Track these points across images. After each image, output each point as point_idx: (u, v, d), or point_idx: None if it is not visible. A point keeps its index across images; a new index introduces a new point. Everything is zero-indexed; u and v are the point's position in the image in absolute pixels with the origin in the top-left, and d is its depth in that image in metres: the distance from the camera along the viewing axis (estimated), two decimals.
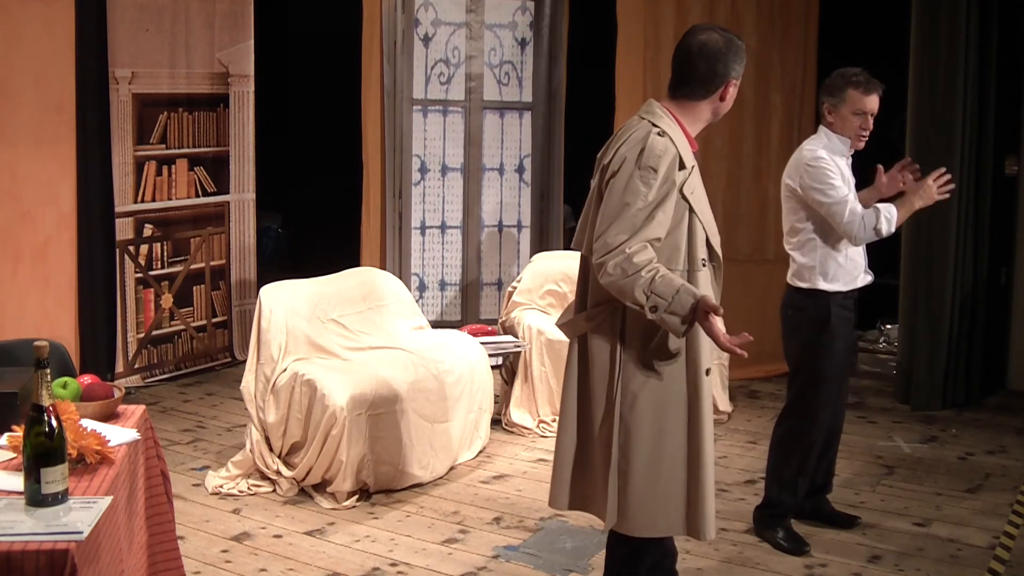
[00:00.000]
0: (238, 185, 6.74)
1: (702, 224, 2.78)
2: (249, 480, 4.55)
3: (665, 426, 2.79)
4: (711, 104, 2.85)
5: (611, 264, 2.65)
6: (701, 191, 2.83)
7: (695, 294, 2.63)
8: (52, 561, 2.04)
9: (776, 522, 4.02)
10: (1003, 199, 6.08)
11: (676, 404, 2.80)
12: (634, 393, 2.78)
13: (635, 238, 2.65)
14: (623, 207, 2.68)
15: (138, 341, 6.19)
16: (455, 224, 6.88)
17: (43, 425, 2.21)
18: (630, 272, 2.63)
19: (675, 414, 2.80)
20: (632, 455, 2.79)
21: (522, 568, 3.82)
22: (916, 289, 5.88)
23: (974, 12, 5.66)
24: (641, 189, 2.67)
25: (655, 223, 2.67)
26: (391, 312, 5.24)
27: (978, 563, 3.83)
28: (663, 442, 2.80)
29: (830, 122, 3.90)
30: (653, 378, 2.78)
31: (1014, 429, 5.51)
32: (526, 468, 4.91)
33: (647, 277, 2.62)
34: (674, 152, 2.72)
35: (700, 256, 2.77)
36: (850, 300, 3.96)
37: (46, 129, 5.45)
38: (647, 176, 2.67)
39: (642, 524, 2.84)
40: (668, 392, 2.79)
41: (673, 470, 2.81)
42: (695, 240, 2.77)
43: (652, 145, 2.70)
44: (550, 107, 6.88)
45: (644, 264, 2.63)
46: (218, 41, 6.45)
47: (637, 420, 2.79)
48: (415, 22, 6.66)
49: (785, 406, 4.07)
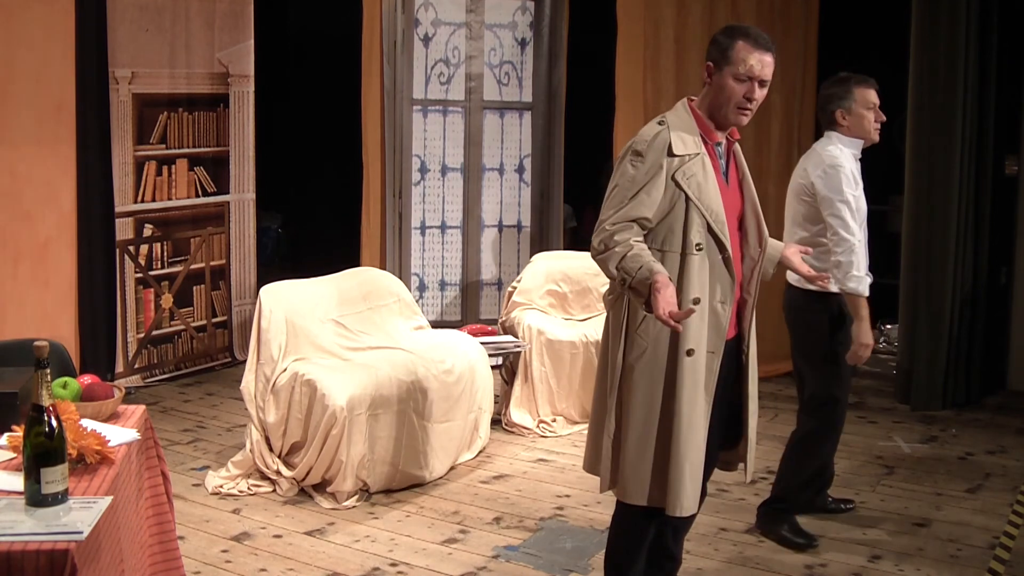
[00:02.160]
0: (238, 185, 6.74)
1: (701, 211, 2.85)
2: (249, 480, 4.55)
3: (650, 399, 2.92)
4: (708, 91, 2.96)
5: (596, 239, 2.87)
6: (710, 180, 2.89)
7: (653, 270, 2.71)
8: (52, 561, 2.04)
9: (783, 517, 4.05)
10: (1003, 199, 6.08)
11: (657, 379, 2.91)
12: (631, 364, 2.93)
13: (618, 214, 2.84)
14: (613, 189, 2.89)
15: (138, 341, 6.19)
16: (455, 224, 6.88)
17: (43, 425, 2.21)
18: (608, 247, 2.83)
19: (656, 388, 2.91)
20: (623, 422, 2.95)
21: (522, 568, 3.82)
22: (916, 289, 5.88)
23: (974, 12, 5.66)
24: (628, 171, 2.86)
25: (638, 202, 2.83)
26: (391, 312, 5.24)
27: (978, 563, 3.83)
28: (648, 414, 2.92)
29: (845, 126, 3.89)
30: (647, 352, 2.91)
31: (1014, 429, 5.51)
32: (526, 468, 4.91)
33: (620, 252, 2.79)
34: (665, 139, 2.86)
35: (695, 241, 2.86)
36: None
37: (46, 129, 5.45)
38: (634, 160, 2.86)
39: (624, 490, 2.99)
40: (655, 366, 2.91)
41: (647, 442, 2.93)
42: (690, 225, 2.86)
43: (643, 132, 2.91)
44: (550, 107, 6.88)
45: (621, 241, 2.81)
46: (218, 41, 6.45)
47: (629, 389, 2.94)
48: (415, 22, 6.66)
49: (804, 408, 4.05)
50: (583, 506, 4.41)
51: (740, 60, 2.87)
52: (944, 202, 5.74)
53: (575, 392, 5.46)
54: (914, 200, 5.84)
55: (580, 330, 5.51)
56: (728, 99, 2.90)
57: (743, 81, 2.88)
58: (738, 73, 2.87)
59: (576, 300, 5.90)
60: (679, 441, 2.88)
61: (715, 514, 4.27)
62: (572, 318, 5.84)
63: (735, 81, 2.88)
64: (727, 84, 2.89)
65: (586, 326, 5.59)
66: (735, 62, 2.87)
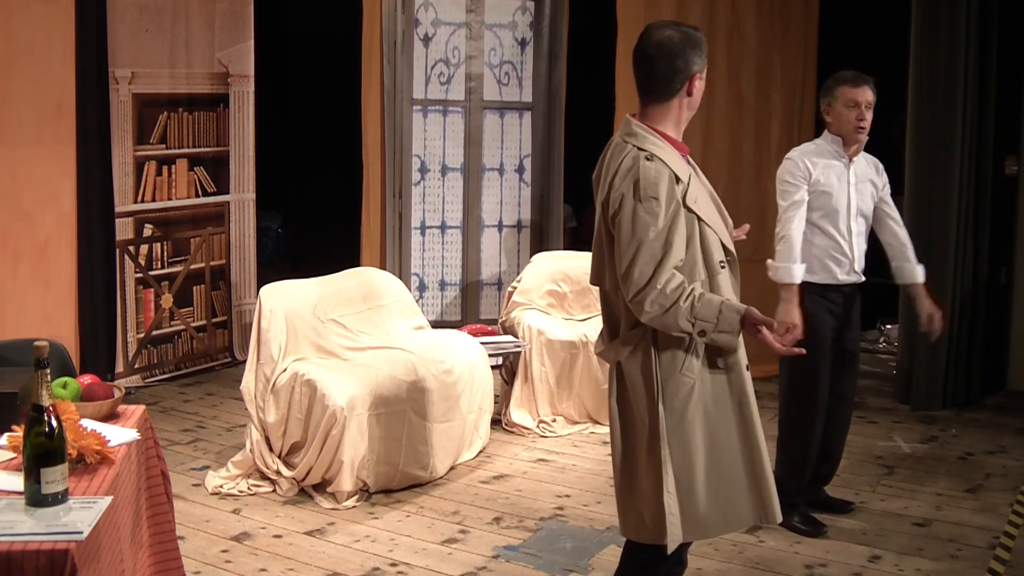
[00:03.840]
0: (238, 185, 6.74)
1: (711, 228, 2.76)
2: (249, 480, 4.55)
3: (717, 430, 2.77)
4: (679, 101, 2.77)
5: (647, 302, 2.65)
6: (703, 193, 2.81)
7: (738, 309, 2.65)
8: (52, 561, 2.04)
9: (790, 508, 4.07)
10: (1003, 199, 6.08)
11: (723, 404, 2.78)
12: (681, 408, 2.75)
13: (660, 268, 2.65)
14: (638, 244, 2.66)
15: (138, 341, 6.19)
16: (455, 224, 6.88)
17: (43, 425, 2.21)
18: (668, 305, 2.63)
19: (725, 413, 2.78)
20: (694, 467, 2.76)
21: (522, 568, 3.82)
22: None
23: (974, 12, 5.66)
24: (649, 221, 2.65)
25: (674, 248, 2.67)
26: (391, 312, 5.24)
27: (978, 563, 3.83)
28: (718, 445, 2.78)
29: (829, 122, 4.02)
30: (695, 388, 2.75)
31: (1014, 429, 5.50)
32: (526, 468, 4.91)
33: (686, 306, 2.63)
34: (668, 172, 2.68)
35: (717, 259, 2.76)
36: (836, 295, 4.04)
37: (46, 129, 5.45)
38: (650, 206, 2.65)
39: (710, 527, 2.84)
40: (716, 394, 2.77)
41: (732, 467, 2.80)
42: (708, 246, 2.75)
43: (645, 175, 2.66)
44: (550, 107, 6.88)
45: (679, 293, 2.63)
46: (218, 41, 6.45)
47: (688, 432, 2.76)
48: (415, 22, 6.66)
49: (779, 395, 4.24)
50: (583, 506, 4.41)
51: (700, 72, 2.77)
52: (944, 202, 5.73)
53: (575, 392, 5.46)
54: (914, 200, 5.84)
55: (580, 330, 5.51)
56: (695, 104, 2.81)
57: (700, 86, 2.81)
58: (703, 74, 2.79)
59: (576, 300, 5.90)
60: (760, 453, 2.80)
61: None
62: (572, 318, 5.84)
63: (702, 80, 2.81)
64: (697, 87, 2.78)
65: (586, 326, 5.58)
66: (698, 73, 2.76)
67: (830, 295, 4.02)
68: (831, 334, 4.05)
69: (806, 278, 3.96)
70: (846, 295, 4.06)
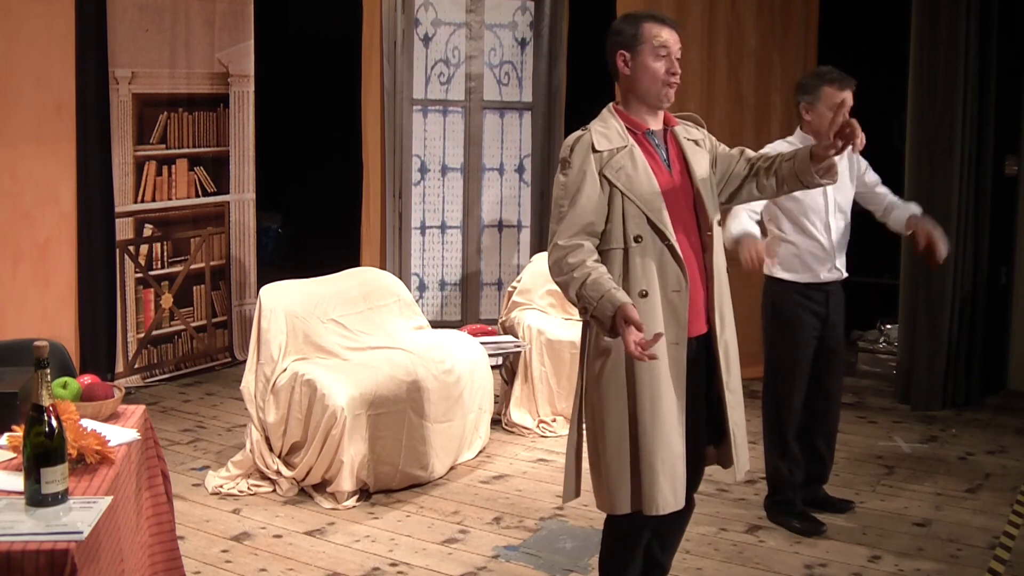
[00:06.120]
0: (238, 185, 6.74)
1: (634, 202, 2.83)
2: (249, 480, 4.55)
3: (620, 403, 2.87)
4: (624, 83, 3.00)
5: (551, 260, 2.85)
6: (641, 169, 2.86)
7: (615, 302, 2.68)
8: (52, 561, 2.04)
9: (787, 508, 4.13)
10: (1003, 199, 6.08)
11: (618, 383, 2.86)
12: (595, 376, 2.91)
13: (564, 226, 2.82)
14: (553, 203, 2.90)
15: (138, 341, 6.19)
16: (455, 224, 6.88)
17: (43, 425, 2.21)
18: (564, 271, 2.80)
19: (622, 391, 2.86)
20: (600, 434, 2.90)
21: (522, 568, 3.82)
22: (916, 289, 5.88)
23: (974, 12, 5.66)
24: (560, 180, 2.88)
25: (579, 207, 2.82)
26: (391, 312, 5.24)
27: (978, 563, 3.83)
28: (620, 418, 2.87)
29: (807, 121, 3.95)
30: (607, 360, 2.87)
31: (1014, 429, 5.50)
32: (526, 468, 4.91)
33: (579, 279, 2.76)
34: (587, 140, 2.87)
35: (633, 234, 2.84)
36: (818, 293, 4.04)
37: (46, 129, 5.45)
38: (563, 168, 2.88)
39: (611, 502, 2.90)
40: (616, 372, 2.87)
41: (623, 448, 2.86)
42: (627, 219, 2.84)
43: (565, 142, 2.92)
44: (550, 107, 6.88)
45: (577, 265, 2.78)
46: (218, 41, 6.45)
47: (599, 398, 2.90)
48: (415, 22, 6.66)
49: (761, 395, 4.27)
50: (583, 506, 4.40)
51: (653, 36, 2.92)
52: (944, 202, 5.73)
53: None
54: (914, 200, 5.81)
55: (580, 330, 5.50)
56: (654, 78, 2.91)
57: (662, 56, 2.91)
58: (656, 50, 2.90)
59: None
60: (646, 437, 2.81)
61: (715, 514, 4.27)
62: (572, 318, 5.83)
63: (655, 59, 2.91)
64: (648, 64, 2.91)
65: None
66: (647, 39, 2.92)
67: (812, 294, 4.02)
68: (814, 334, 4.05)
69: (788, 277, 3.98)
70: (828, 293, 4.06)
